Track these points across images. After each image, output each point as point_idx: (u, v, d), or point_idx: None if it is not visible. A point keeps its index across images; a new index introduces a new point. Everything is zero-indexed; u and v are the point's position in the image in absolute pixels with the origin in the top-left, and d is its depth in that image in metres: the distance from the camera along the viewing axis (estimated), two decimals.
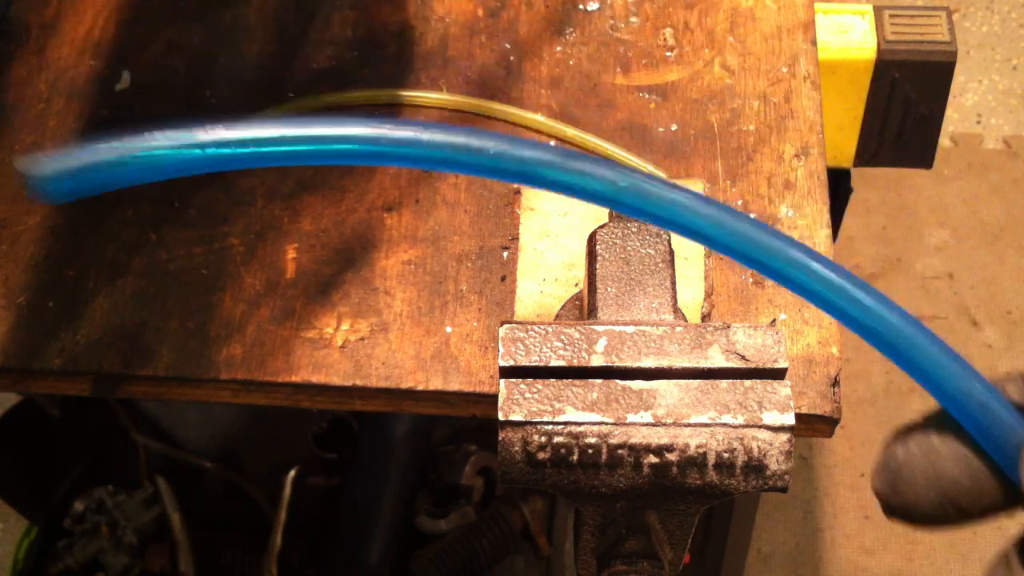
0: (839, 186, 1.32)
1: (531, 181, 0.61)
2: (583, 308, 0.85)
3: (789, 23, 1.10)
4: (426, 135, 0.59)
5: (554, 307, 0.93)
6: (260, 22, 1.14)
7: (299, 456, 1.52)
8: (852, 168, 1.30)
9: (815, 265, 0.61)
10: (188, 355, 0.94)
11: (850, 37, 1.20)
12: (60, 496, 1.57)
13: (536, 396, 0.72)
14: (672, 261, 0.82)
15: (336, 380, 0.93)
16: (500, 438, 0.71)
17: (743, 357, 0.73)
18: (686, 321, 0.83)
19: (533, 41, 1.11)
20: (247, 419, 1.59)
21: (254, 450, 1.59)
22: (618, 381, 0.72)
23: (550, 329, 0.74)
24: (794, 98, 1.06)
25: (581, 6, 1.13)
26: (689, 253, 0.96)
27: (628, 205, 0.61)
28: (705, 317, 0.93)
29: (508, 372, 0.73)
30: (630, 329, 0.74)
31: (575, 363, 0.73)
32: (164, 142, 0.57)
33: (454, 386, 0.92)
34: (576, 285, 0.94)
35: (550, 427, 0.71)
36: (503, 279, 0.97)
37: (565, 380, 0.73)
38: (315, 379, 0.93)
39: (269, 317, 0.96)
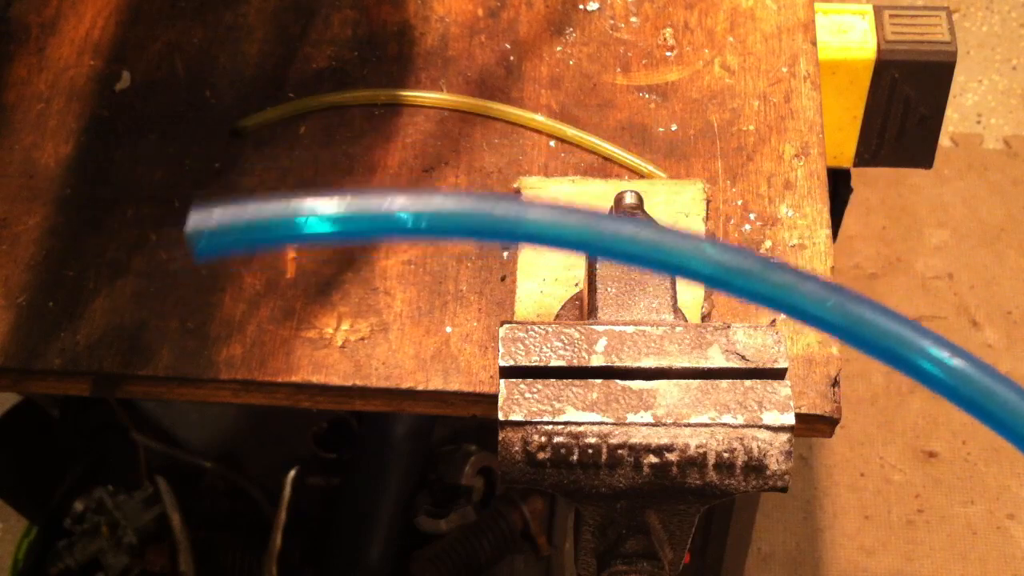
0: (839, 186, 1.32)
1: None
2: (583, 308, 0.85)
3: (789, 23, 1.10)
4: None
5: (554, 307, 0.93)
6: (260, 22, 1.14)
7: (299, 456, 1.52)
8: (852, 168, 1.30)
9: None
10: (188, 355, 0.94)
11: (850, 37, 1.20)
12: (60, 496, 1.57)
13: (536, 396, 0.72)
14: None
15: (336, 380, 0.93)
16: (500, 438, 0.71)
17: (743, 357, 0.73)
18: (686, 321, 0.83)
19: (533, 41, 1.11)
20: (247, 419, 1.59)
21: (254, 450, 1.59)
22: (618, 381, 0.72)
23: (550, 329, 0.74)
24: (794, 98, 1.06)
25: (581, 6, 1.13)
26: None
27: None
28: (705, 317, 0.93)
29: (508, 372, 0.73)
30: (630, 329, 0.74)
31: (575, 363, 0.73)
32: (346, 209, 0.53)
33: (454, 386, 0.92)
34: (576, 285, 0.94)
35: (550, 427, 0.71)
36: (503, 279, 0.97)
37: (565, 380, 0.73)
38: (315, 379, 0.93)
39: (269, 317, 0.96)
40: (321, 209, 0.54)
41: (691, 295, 0.94)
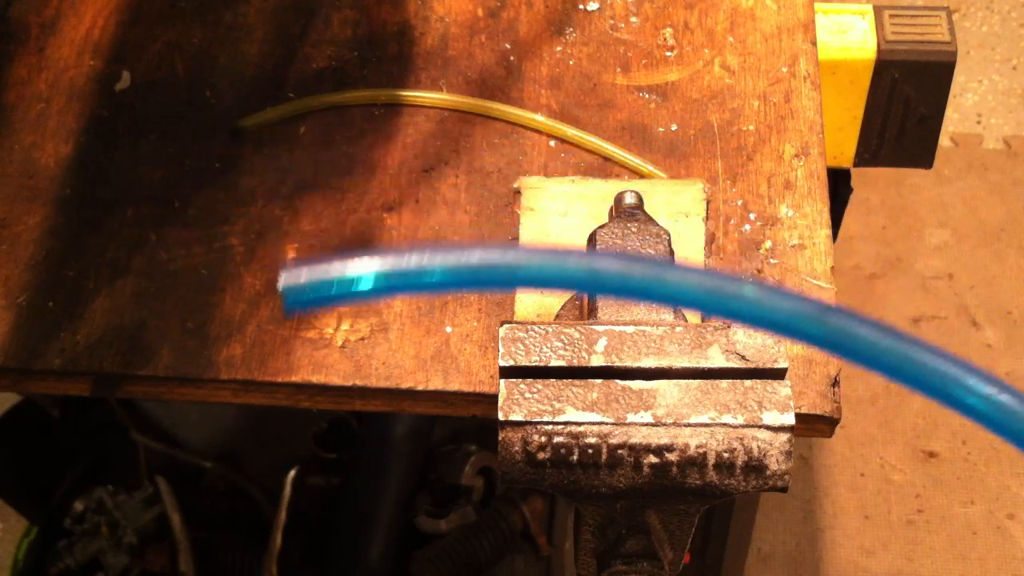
0: (839, 186, 1.32)
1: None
2: (583, 308, 0.85)
3: (789, 23, 1.10)
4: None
5: (554, 307, 0.93)
6: (260, 22, 1.14)
7: (299, 456, 1.52)
8: (852, 168, 1.30)
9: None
10: (188, 355, 0.94)
11: (850, 37, 1.20)
12: (60, 496, 1.57)
13: (536, 396, 0.72)
14: (672, 261, 0.82)
15: (336, 380, 0.93)
16: (500, 438, 0.71)
17: (743, 357, 0.73)
18: (686, 321, 0.83)
19: (533, 41, 1.11)
20: (247, 419, 1.59)
21: (254, 450, 1.59)
22: (618, 381, 0.72)
23: (550, 329, 0.74)
24: (794, 98, 1.06)
25: (581, 6, 1.13)
26: (689, 253, 0.96)
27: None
28: (705, 317, 0.93)
29: (508, 372, 0.73)
30: (630, 329, 0.74)
31: (575, 363, 0.73)
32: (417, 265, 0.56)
33: (454, 386, 0.92)
34: None
35: (550, 427, 0.71)
36: None
37: (565, 380, 0.73)
38: (315, 379, 0.93)
39: (269, 317, 0.96)
40: (402, 266, 0.56)
41: None
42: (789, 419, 0.71)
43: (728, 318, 0.57)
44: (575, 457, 0.71)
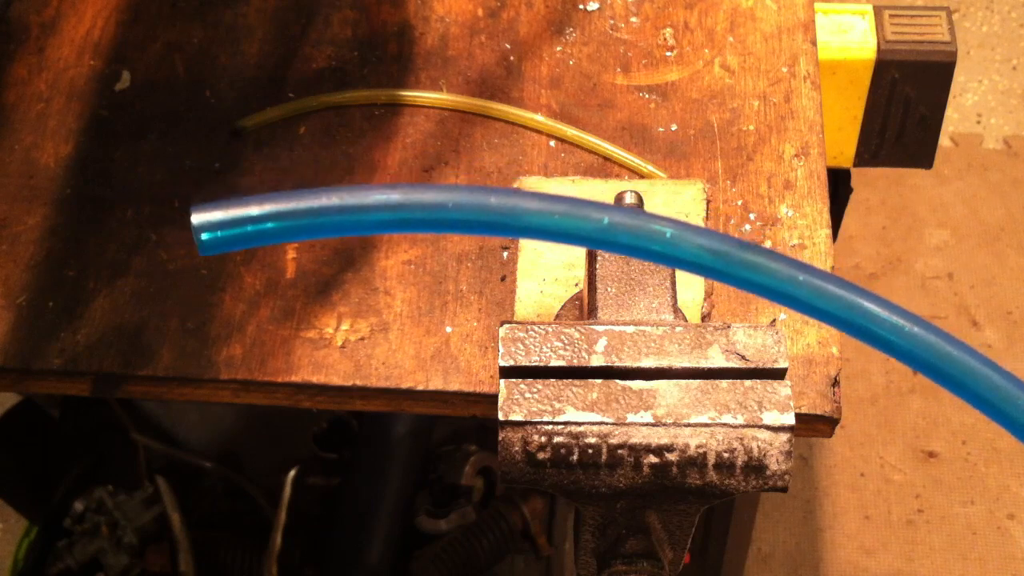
0: (839, 186, 1.32)
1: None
2: (583, 308, 0.85)
3: (789, 23, 1.10)
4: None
5: (554, 307, 0.93)
6: (260, 22, 1.14)
7: (299, 456, 1.52)
8: (852, 168, 1.30)
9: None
10: (188, 355, 0.94)
11: (850, 37, 1.20)
12: (60, 496, 1.57)
13: (536, 396, 0.72)
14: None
15: (336, 380, 0.93)
16: (500, 438, 0.71)
17: (743, 357, 0.73)
18: (686, 321, 0.83)
19: (533, 41, 1.11)
20: (247, 419, 1.59)
21: (254, 450, 1.59)
22: (618, 381, 0.72)
23: (550, 329, 0.74)
24: (794, 98, 1.06)
25: (581, 6, 1.13)
26: None
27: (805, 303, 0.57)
28: (705, 317, 0.93)
29: (508, 372, 0.73)
30: (630, 329, 0.74)
31: (575, 363, 0.73)
32: (335, 202, 0.55)
33: (454, 386, 0.92)
34: (576, 285, 0.94)
35: (550, 427, 0.71)
36: (503, 279, 0.97)
37: (565, 380, 0.73)
38: (315, 379, 0.93)
39: (269, 317, 0.96)
40: (331, 203, 0.54)
41: (691, 295, 0.94)
42: (789, 419, 0.71)
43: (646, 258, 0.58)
44: (575, 457, 0.71)
